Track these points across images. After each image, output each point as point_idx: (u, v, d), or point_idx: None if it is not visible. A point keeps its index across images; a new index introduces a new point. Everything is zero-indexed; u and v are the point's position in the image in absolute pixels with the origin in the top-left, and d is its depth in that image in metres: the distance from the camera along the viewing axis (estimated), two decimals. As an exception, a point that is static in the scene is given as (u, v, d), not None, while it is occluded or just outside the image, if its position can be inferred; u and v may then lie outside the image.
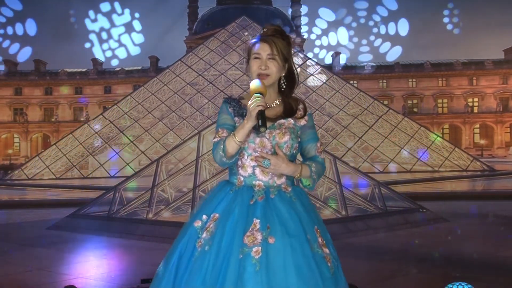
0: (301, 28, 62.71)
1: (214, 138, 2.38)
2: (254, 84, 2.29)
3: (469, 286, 3.91)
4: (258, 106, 2.20)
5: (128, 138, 28.61)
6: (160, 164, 9.71)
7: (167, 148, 23.79)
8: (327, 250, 2.24)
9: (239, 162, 2.37)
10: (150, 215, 8.67)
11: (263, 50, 2.37)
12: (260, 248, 2.13)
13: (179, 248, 2.31)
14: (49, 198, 16.85)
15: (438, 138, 29.73)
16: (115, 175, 25.01)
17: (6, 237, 8.70)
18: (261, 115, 2.21)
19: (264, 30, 2.42)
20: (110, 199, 9.50)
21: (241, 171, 2.37)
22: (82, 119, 53.35)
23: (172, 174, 9.94)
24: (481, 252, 6.64)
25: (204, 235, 2.25)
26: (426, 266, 5.86)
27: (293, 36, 57.49)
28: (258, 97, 2.23)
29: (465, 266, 5.81)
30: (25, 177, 27.47)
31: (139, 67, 59.21)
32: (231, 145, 2.28)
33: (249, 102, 2.24)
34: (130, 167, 25.84)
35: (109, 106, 35.41)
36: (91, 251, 7.18)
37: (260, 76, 2.36)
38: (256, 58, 2.38)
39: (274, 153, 2.31)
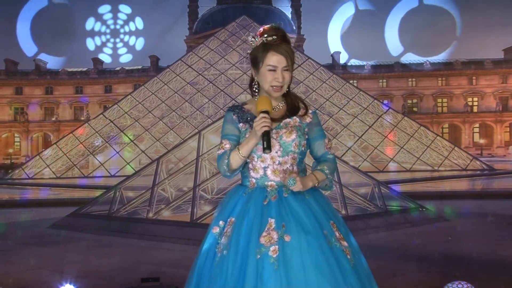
0: (301, 28, 62.70)
1: (218, 150, 2.41)
2: (261, 101, 2.30)
3: (469, 285, 3.91)
4: (263, 127, 2.21)
5: (129, 138, 28.60)
6: (161, 163, 9.70)
7: (167, 148, 23.79)
8: (345, 243, 2.26)
9: (250, 165, 2.39)
10: (151, 214, 8.67)
11: (279, 63, 2.35)
12: (277, 247, 2.15)
13: (200, 257, 2.33)
14: (49, 197, 16.87)
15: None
16: (116, 174, 25.02)
17: (7, 236, 8.71)
18: (266, 136, 2.21)
19: (274, 37, 2.36)
20: (111, 198, 9.51)
21: (252, 173, 2.38)
22: (82, 118, 53.35)
23: (172, 173, 9.94)
24: (480, 251, 6.64)
25: (222, 240, 2.27)
26: (425, 265, 5.86)
27: (293, 36, 57.46)
28: (265, 117, 2.23)
29: (465, 265, 5.81)
30: (26, 176, 27.49)
31: (140, 67, 59.20)
32: (235, 160, 2.32)
33: (255, 121, 2.25)
34: (131, 166, 25.85)
35: (110, 106, 35.43)
36: (92, 250, 7.18)
37: (274, 88, 2.36)
38: (271, 70, 2.36)
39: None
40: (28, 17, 54.28)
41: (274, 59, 2.35)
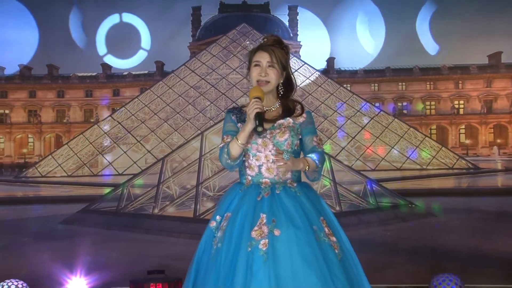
0: (297, 35, 62.67)
1: (220, 144, 2.42)
2: (253, 89, 2.34)
3: (455, 277, 3.91)
4: (255, 108, 2.23)
5: (135, 138, 28.58)
6: (165, 162, 9.70)
7: (171, 148, 23.78)
8: (334, 239, 2.25)
9: (246, 163, 2.39)
10: (156, 210, 8.67)
11: (263, 58, 2.39)
12: (267, 240, 2.15)
13: (198, 250, 2.35)
14: (61, 194, 16.86)
15: None
16: (123, 173, 24.99)
17: (21, 231, 8.71)
18: (258, 117, 2.23)
19: (265, 40, 2.44)
20: (118, 195, 9.51)
21: (248, 171, 2.39)
22: (92, 120, 53.28)
23: (176, 172, 9.93)
24: (466, 245, 6.65)
25: (218, 233, 2.28)
26: (415, 258, 5.86)
27: (290, 42, 57.48)
28: (256, 101, 2.26)
29: (452, 258, 5.82)
30: (39, 174, 27.50)
31: (146, 71, 59.10)
32: (234, 148, 2.31)
33: (248, 107, 2.28)
34: (137, 165, 25.83)
35: (118, 108, 35.37)
36: (101, 244, 7.17)
37: (259, 83, 2.38)
38: (256, 65, 2.40)
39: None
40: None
41: (259, 55, 2.40)
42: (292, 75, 2.48)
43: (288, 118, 2.41)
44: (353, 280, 2.21)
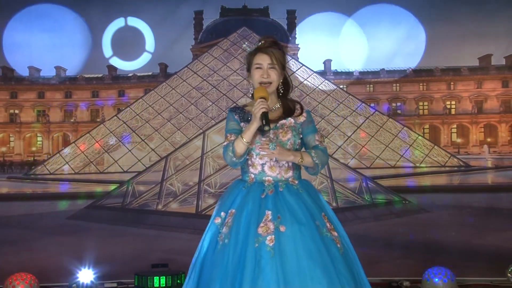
0: (296, 38, 62.62)
1: (223, 142, 2.40)
2: (258, 90, 2.33)
3: (447, 270, 3.92)
4: (262, 108, 2.23)
5: (140, 137, 28.57)
6: (169, 160, 9.70)
7: (175, 146, 23.75)
8: (335, 233, 2.26)
9: (249, 162, 2.38)
10: (160, 206, 8.67)
11: (263, 60, 2.38)
12: (273, 236, 2.15)
13: (203, 245, 2.33)
14: (68, 191, 16.86)
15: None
16: (128, 170, 24.99)
17: (30, 226, 8.71)
18: (265, 116, 2.23)
19: (262, 42, 2.43)
20: (124, 192, 9.51)
21: (251, 169, 2.38)
22: (98, 119, 53.25)
23: (179, 169, 9.92)
24: (458, 239, 6.65)
25: (224, 229, 2.27)
26: (408, 252, 5.86)
27: (289, 45, 57.41)
28: (262, 101, 2.25)
29: (444, 252, 5.82)
30: (47, 171, 27.47)
31: (150, 73, 59.07)
32: (239, 146, 2.30)
33: (254, 106, 2.26)
34: (142, 163, 25.82)
35: (123, 108, 35.34)
36: (107, 239, 7.17)
37: (262, 84, 2.37)
38: (257, 68, 2.39)
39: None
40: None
41: (259, 58, 2.39)
42: (287, 74, 2.47)
43: (289, 118, 2.40)
44: (354, 273, 2.22)
